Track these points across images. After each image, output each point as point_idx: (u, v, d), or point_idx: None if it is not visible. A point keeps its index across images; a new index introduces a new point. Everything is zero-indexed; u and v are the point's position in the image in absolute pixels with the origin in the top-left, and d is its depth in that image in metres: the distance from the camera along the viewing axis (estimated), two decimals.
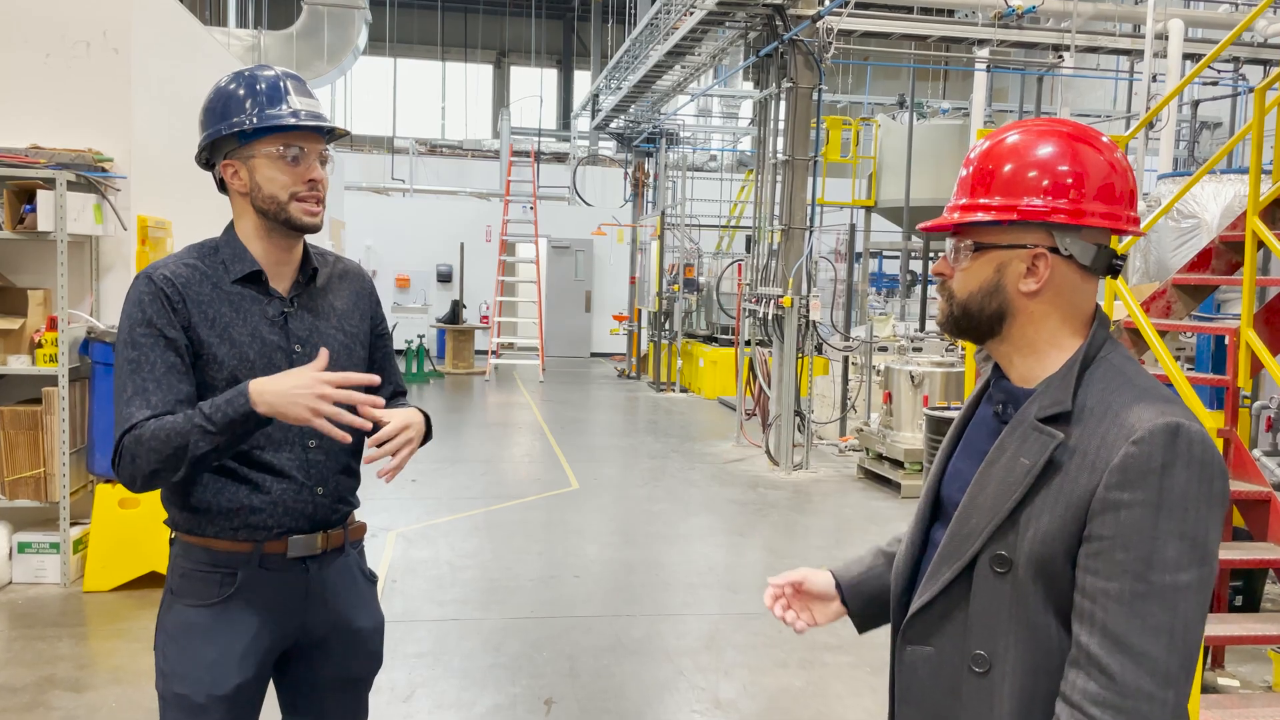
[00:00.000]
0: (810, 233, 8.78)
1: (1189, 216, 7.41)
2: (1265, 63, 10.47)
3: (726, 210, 17.21)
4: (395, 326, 15.19)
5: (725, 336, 13.54)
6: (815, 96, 8.81)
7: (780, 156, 8.88)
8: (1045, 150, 1.40)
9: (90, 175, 5.22)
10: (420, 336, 14.65)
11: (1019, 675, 1.34)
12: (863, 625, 1.76)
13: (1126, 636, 1.24)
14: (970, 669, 1.39)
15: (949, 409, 5.93)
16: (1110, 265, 1.43)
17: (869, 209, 13.50)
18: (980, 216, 1.41)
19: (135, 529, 4.95)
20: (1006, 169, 1.40)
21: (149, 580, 4.97)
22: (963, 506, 1.43)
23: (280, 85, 1.94)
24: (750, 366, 9.69)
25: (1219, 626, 3.72)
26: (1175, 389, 3.90)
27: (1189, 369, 6.13)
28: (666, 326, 14.05)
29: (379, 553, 5.80)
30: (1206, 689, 4.01)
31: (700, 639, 4.65)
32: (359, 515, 2.16)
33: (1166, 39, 9.34)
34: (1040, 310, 1.42)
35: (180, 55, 6.38)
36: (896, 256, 15.25)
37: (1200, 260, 4.87)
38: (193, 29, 6.82)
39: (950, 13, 10.31)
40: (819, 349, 8.90)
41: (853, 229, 11.66)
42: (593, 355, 19.03)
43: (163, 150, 6.00)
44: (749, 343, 9.81)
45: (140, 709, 3.73)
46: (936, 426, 5.69)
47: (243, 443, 1.86)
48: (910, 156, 12.40)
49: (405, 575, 5.45)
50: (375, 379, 1.83)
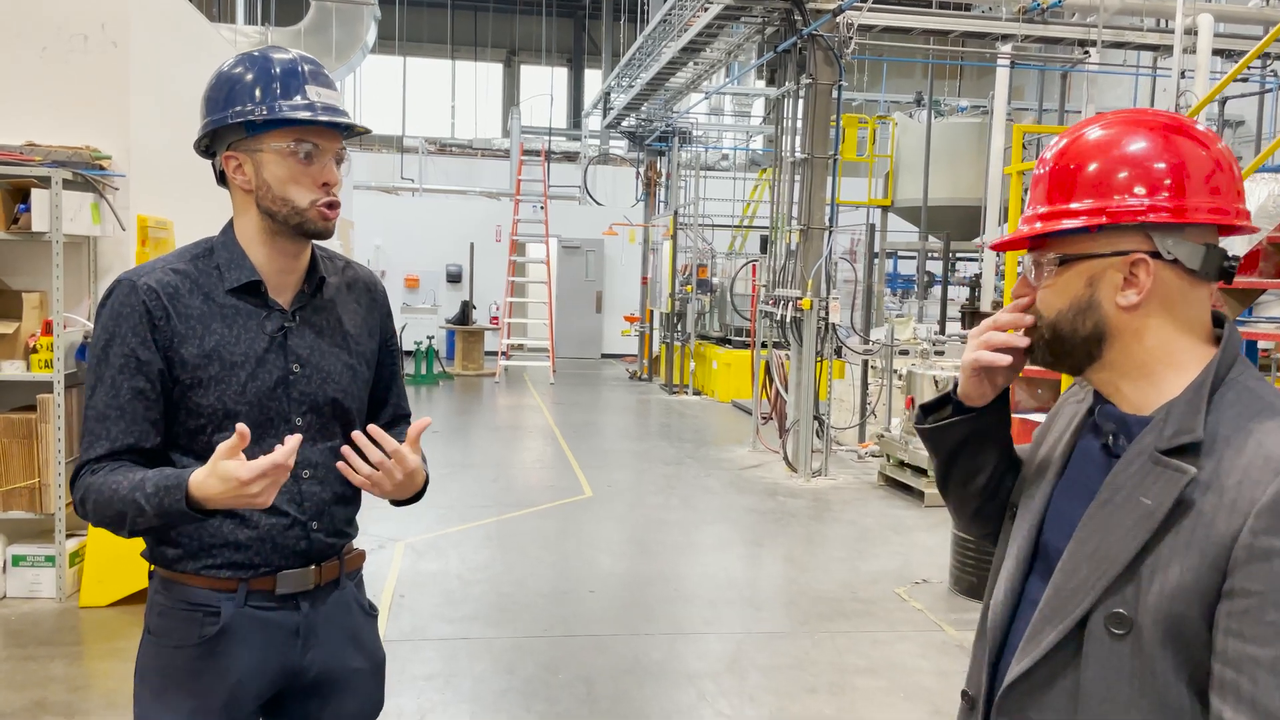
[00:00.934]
0: (830, 233, 8.56)
1: None
2: None
3: (740, 210, 16.99)
4: (404, 328, 14.99)
5: (739, 338, 13.32)
6: (835, 93, 8.58)
7: (798, 155, 8.65)
8: (1135, 143, 1.19)
9: (87, 173, 5.03)
10: (429, 337, 14.46)
11: None
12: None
13: None
14: None
15: None
16: (1222, 268, 1.22)
17: (885, 209, 13.26)
18: (1066, 224, 1.21)
19: (133, 542, 4.75)
20: (1091, 168, 1.20)
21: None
22: (1069, 555, 1.22)
23: (297, 72, 1.72)
24: (766, 370, 9.46)
25: None
26: None
27: None
28: (679, 328, 13.84)
29: (386, 565, 5.60)
30: None
31: (722, 660, 4.43)
32: (358, 541, 1.95)
33: (1195, 34, 9.07)
34: (1146, 326, 1.21)
35: (182, 50, 6.19)
36: (912, 257, 15.00)
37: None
38: (195, 22, 6.63)
39: (968, 7, 10.07)
40: (838, 352, 8.67)
41: (872, 229, 11.43)
42: (604, 356, 18.83)
43: (163, 148, 5.81)
44: (765, 345, 9.59)
45: None
46: None
47: (182, 525, 1.66)
48: (928, 155, 12.17)
49: (414, 590, 5.24)
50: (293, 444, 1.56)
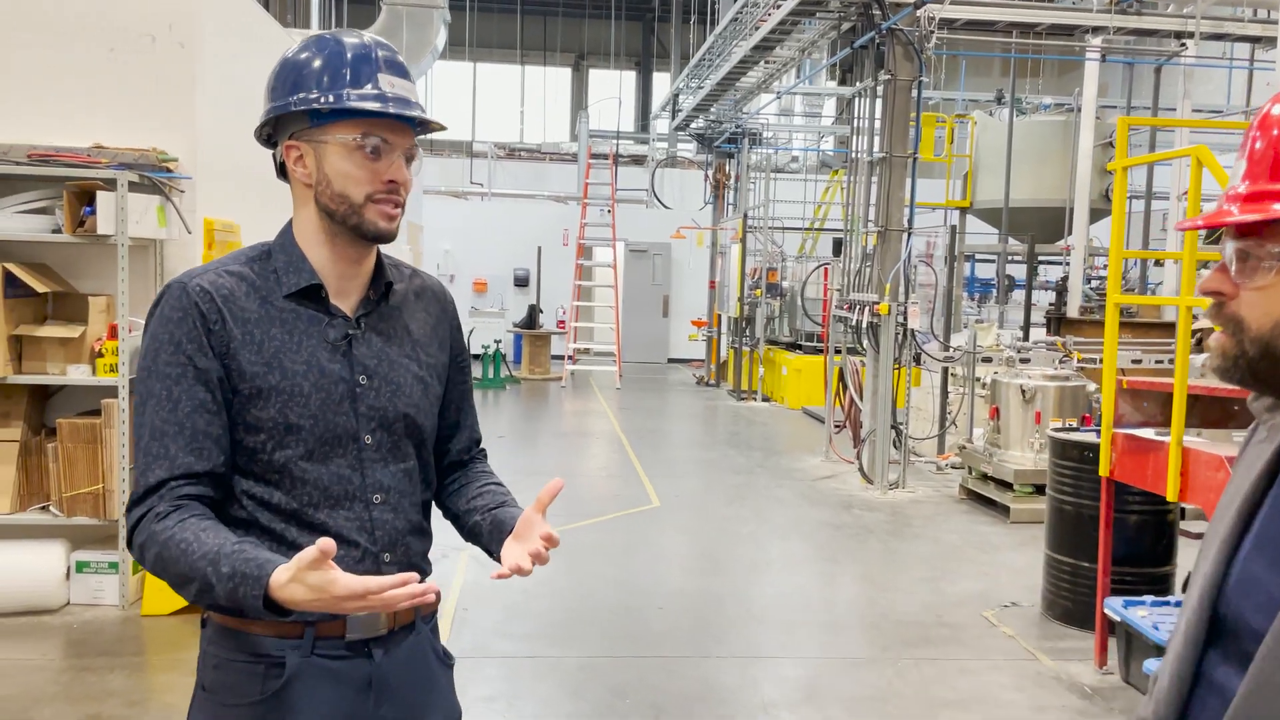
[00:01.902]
0: (908, 235, 8.22)
1: None
2: None
3: (810, 212, 16.63)
4: (472, 332, 14.94)
5: (810, 344, 12.98)
6: (914, 90, 8.24)
7: (876, 154, 8.33)
8: None
9: (153, 176, 4.96)
10: (496, 341, 14.41)
11: None
12: None
13: None
14: None
15: (1077, 429, 5.34)
16: None
17: (963, 210, 12.81)
18: None
19: None
20: None
21: None
22: (1275, 637, 0.96)
23: (371, 58, 1.54)
24: (840, 376, 9.15)
25: None
26: None
27: None
28: (748, 332, 13.56)
29: (450, 576, 5.45)
30: None
31: (800, 689, 4.17)
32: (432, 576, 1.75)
33: None
34: None
35: (250, 50, 6.13)
36: (991, 260, 14.50)
37: None
38: (264, 24, 6.58)
39: None
40: (917, 359, 8.33)
41: (953, 231, 11.02)
42: (670, 361, 18.62)
43: (231, 150, 5.74)
44: (838, 351, 9.27)
45: None
46: (1062, 451, 5.11)
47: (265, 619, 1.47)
48: (1010, 154, 11.71)
49: (476, 604, 5.08)
50: (415, 581, 1.39)
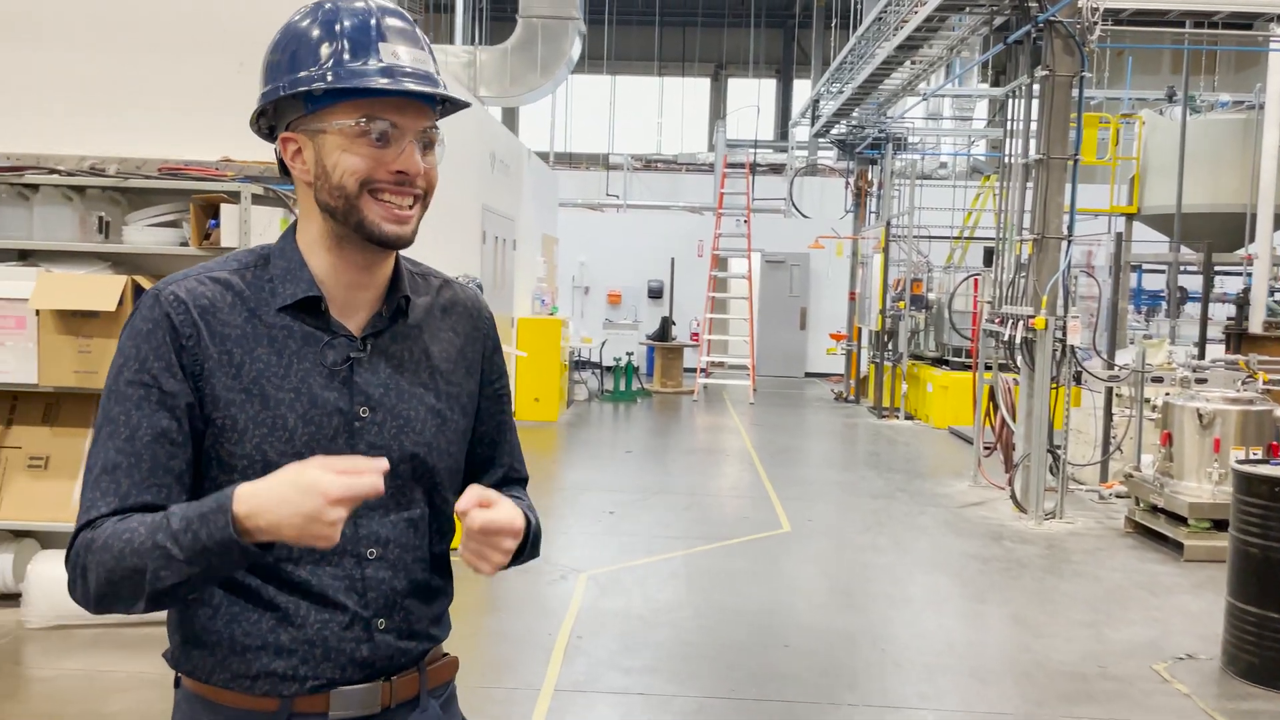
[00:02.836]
0: (1068, 244, 7.57)
1: None
2: None
3: (959, 220, 15.83)
4: (604, 343, 14.89)
5: (958, 359, 12.27)
6: (1075, 87, 7.60)
7: (1032, 156, 7.72)
8: None
9: (277, 188, 4.94)
10: (629, 354, 14.25)
11: None
12: None
13: None
14: None
15: (1265, 461, 4.69)
16: None
17: (1130, 216, 11.87)
18: None
19: None
20: None
21: None
22: None
23: (369, 26, 1.29)
24: (991, 395, 8.52)
25: None
26: None
27: None
28: (890, 347, 12.94)
29: (566, 600, 5.22)
30: None
31: None
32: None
33: None
34: None
35: None
36: (1161, 270, 13.42)
37: None
38: None
39: None
40: (1077, 378, 7.66)
41: (1118, 238, 10.18)
42: (807, 375, 18.07)
43: None
44: (989, 367, 8.65)
45: None
46: (1249, 486, 4.48)
47: (227, 574, 1.23)
48: (1182, 157, 10.76)
49: (592, 631, 4.82)
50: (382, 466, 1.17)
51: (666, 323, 15.24)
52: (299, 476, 1.15)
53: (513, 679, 4.28)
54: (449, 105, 1.40)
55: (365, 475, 1.15)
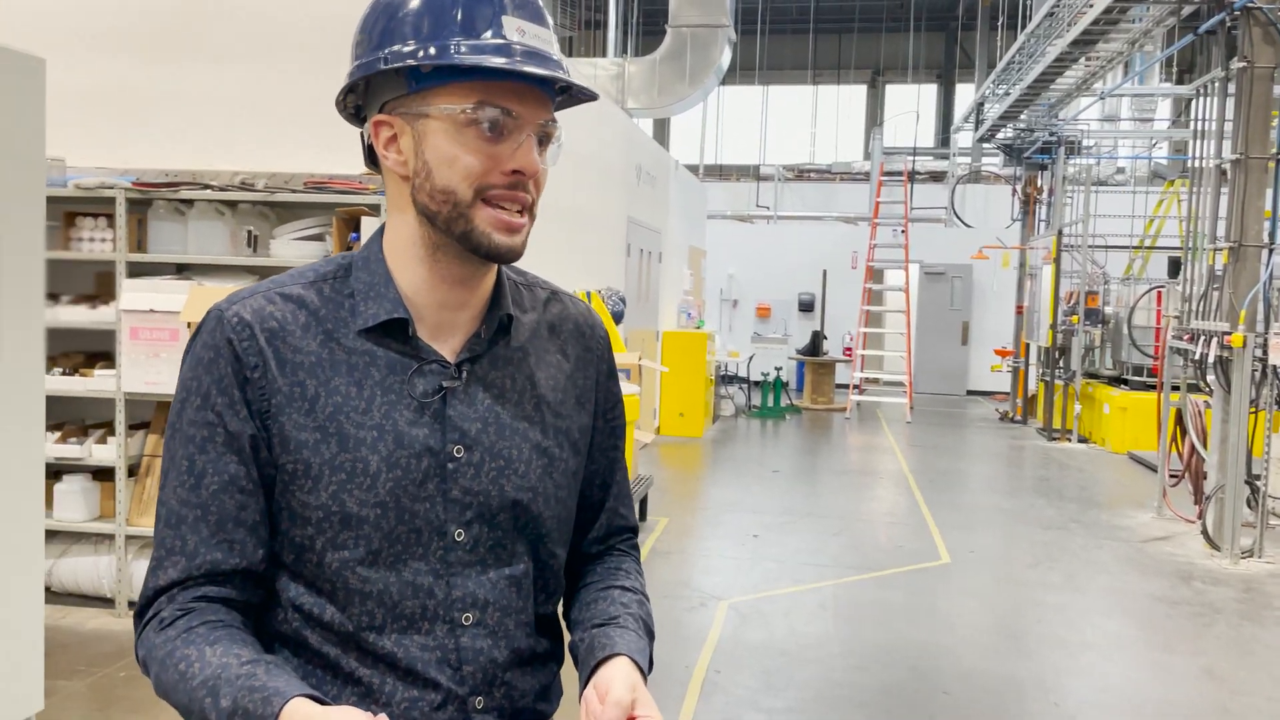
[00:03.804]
0: (1269, 252, 6.79)
1: None
2: None
3: (1139, 228, 14.72)
4: (752, 358, 14.57)
5: (1138, 379, 11.33)
6: (1277, 80, 6.83)
7: (1227, 157, 6.98)
8: None
9: None
10: (778, 369, 13.87)
11: None
12: None
13: None
14: None
15: None
16: None
17: None
18: None
19: None
20: None
21: None
22: None
23: None
24: (1178, 418, 7.75)
25: None
26: None
27: None
28: (1061, 364, 12.09)
29: (704, 629, 4.96)
30: None
31: None
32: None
33: None
34: None
35: None
36: None
37: None
38: None
39: None
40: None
41: None
42: (969, 394, 17.18)
43: None
44: (1175, 388, 7.87)
45: None
46: None
47: None
48: None
49: (731, 665, 4.54)
50: None
51: (817, 337, 14.77)
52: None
53: None
54: (570, 97, 1.17)
55: None
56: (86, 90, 5.25)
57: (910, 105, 21.90)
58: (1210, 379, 6.97)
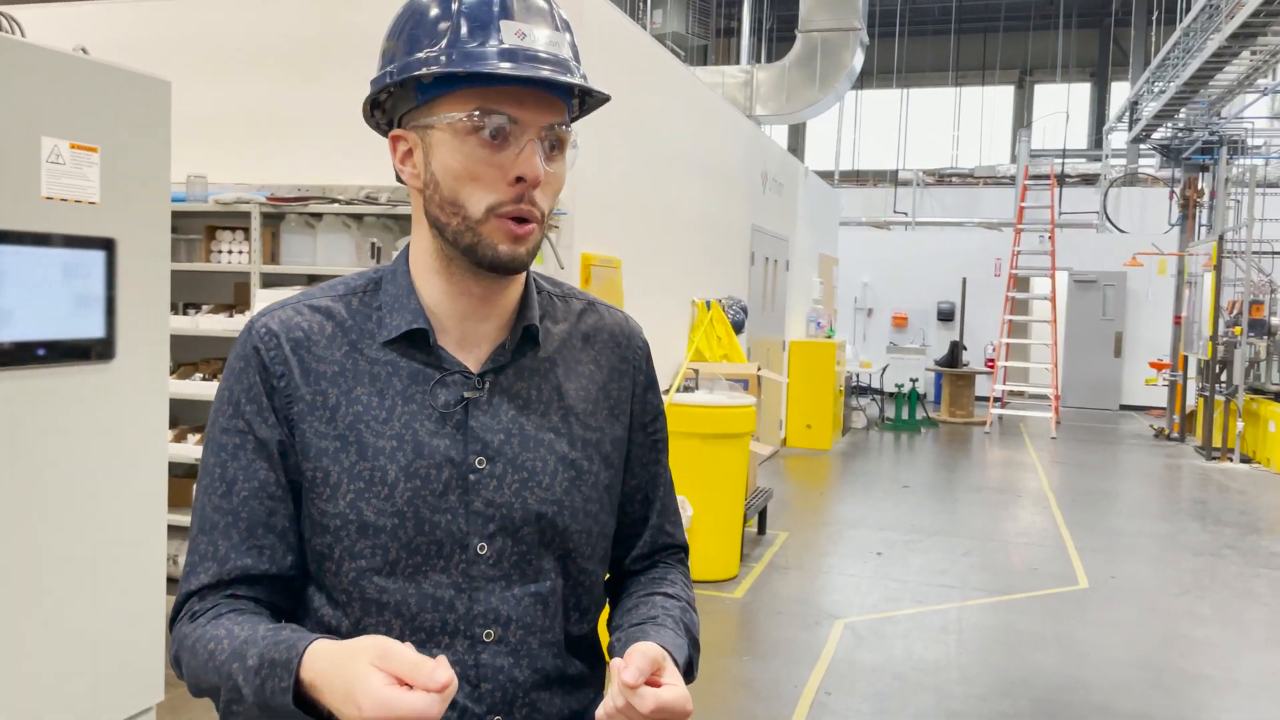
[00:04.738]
0: None
1: None
2: None
3: None
4: (886, 369, 14.18)
5: None
6: None
7: None
8: None
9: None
10: (913, 380, 13.45)
11: None
12: None
13: None
14: None
15: None
16: None
17: None
18: None
19: None
20: None
21: None
22: None
23: (490, 1, 1.06)
24: None
25: None
26: None
27: None
28: (1223, 378, 11.27)
29: (818, 648, 4.82)
30: None
31: None
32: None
33: None
34: None
35: (635, 79, 6.05)
36: None
37: None
38: (649, 50, 6.50)
39: None
40: None
41: None
42: (1121, 408, 16.24)
43: (612, 183, 5.68)
44: None
45: None
46: None
47: None
48: None
49: (843, 686, 4.39)
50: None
51: (956, 347, 14.25)
52: (351, 671, 0.93)
53: None
54: (588, 100, 1.15)
55: (416, 698, 0.90)
56: (228, 112, 5.55)
57: (1060, 105, 20.95)
58: None
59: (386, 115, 1.16)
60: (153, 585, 3.11)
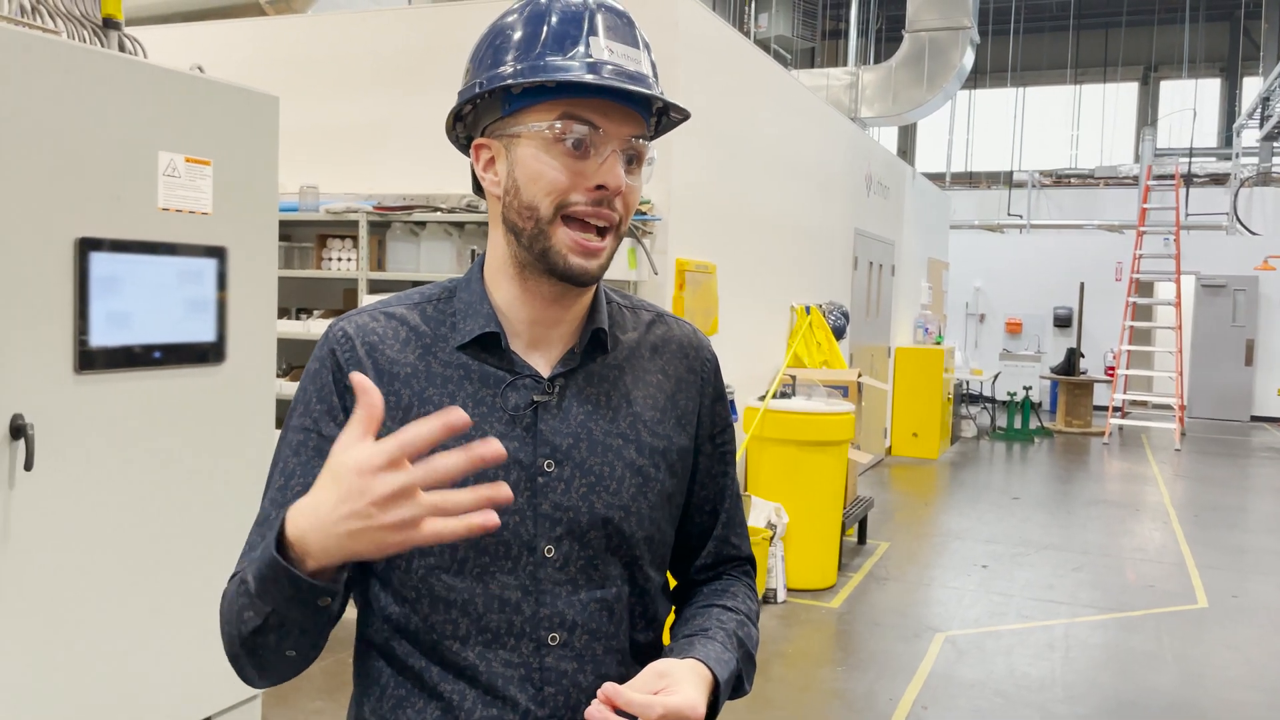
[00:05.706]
0: None
1: None
2: None
3: None
4: (997, 376, 13.75)
5: None
6: None
7: None
8: None
9: (631, 220, 5.03)
10: (1027, 388, 13.02)
11: None
12: None
13: None
14: None
15: None
16: None
17: None
18: None
19: None
20: None
21: None
22: None
23: (583, 18, 1.11)
24: None
25: None
26: None
27: None
28: None
29: (916, 661, 4.72)
30: None
31: None
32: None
33: None
34: None
35: (730, 83, 6.04)
36: None
37: None
38: (746, 53, 6.47)
39: None
40: None
41: None
42: (1253, 420, 15.37)
43: (706, 188, 5.68)
44: None
45: None
46: None
47: (303, 619, 1.01)
48: None
49: (940, 701, 4.29)
50: (498, 451, 0.91)
51: (1073, 354, 13.73)
52: (330, 461, 0.93)
53: None
54: (664, 120, 1.19)
55: (431, 422, 0.89)
56: (340, 125, 5.78)
57: (1187, 102, 19.98)
58: None
59: (467, 129, 1.20)
60: None
